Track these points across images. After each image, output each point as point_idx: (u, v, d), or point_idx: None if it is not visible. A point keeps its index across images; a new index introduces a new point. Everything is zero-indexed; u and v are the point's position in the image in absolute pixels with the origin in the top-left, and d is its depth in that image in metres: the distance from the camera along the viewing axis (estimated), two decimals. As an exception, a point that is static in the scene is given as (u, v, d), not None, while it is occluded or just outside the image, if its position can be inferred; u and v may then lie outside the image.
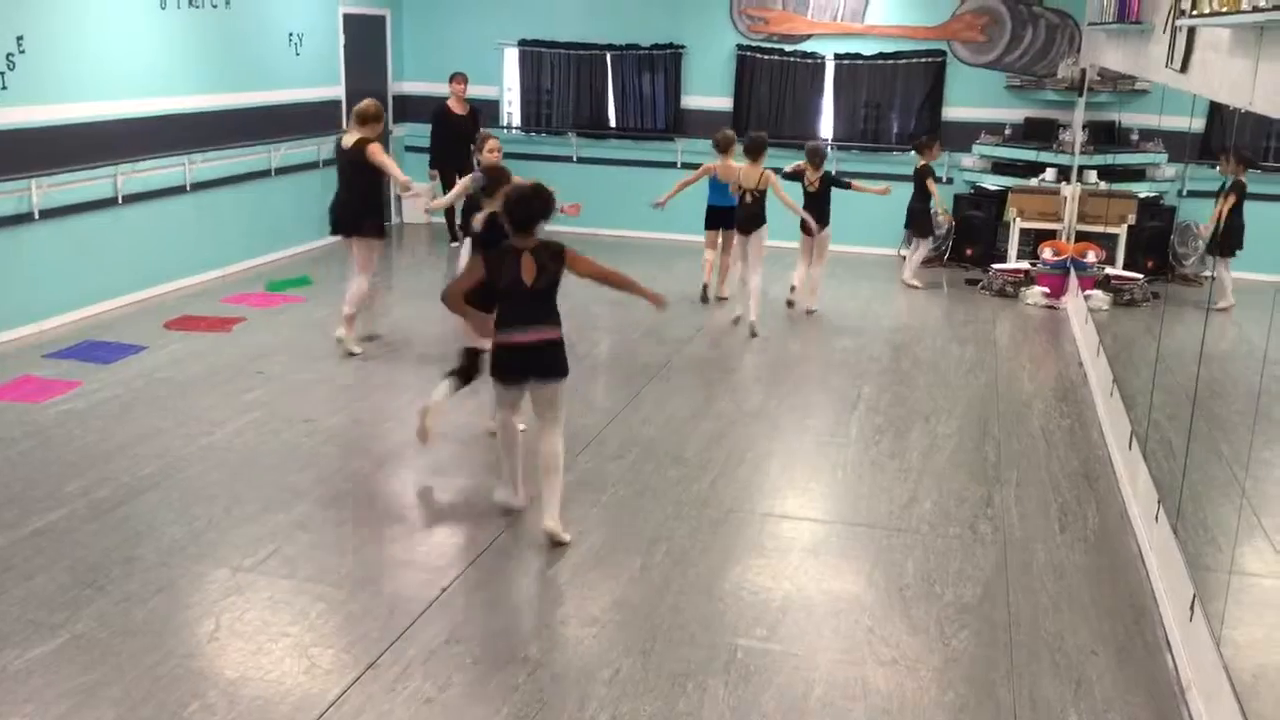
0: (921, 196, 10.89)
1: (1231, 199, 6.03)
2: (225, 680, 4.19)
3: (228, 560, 5.07)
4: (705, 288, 10.07)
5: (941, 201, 10.88)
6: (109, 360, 7.83)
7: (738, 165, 9.32)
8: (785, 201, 9.24)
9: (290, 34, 11.23)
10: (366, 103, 8.12)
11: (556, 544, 5.31)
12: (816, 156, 9.80)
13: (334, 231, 8.29)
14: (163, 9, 9.47)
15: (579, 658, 4.39)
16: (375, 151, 7.88)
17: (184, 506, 5.60)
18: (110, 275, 9.12)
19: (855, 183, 9.95)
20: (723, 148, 9.55)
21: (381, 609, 4.69)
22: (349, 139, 8.04)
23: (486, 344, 5.52)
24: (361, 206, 8.08)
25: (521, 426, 5.78)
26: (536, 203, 5.21)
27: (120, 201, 9.15)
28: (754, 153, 9.19)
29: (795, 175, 9.84)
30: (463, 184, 7.53)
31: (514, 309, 5.24)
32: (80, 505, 5.57)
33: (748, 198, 9.17)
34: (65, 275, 8.68)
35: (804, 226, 9.62)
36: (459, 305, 5.32)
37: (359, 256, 8.15)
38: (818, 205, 9.71)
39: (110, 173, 9.01)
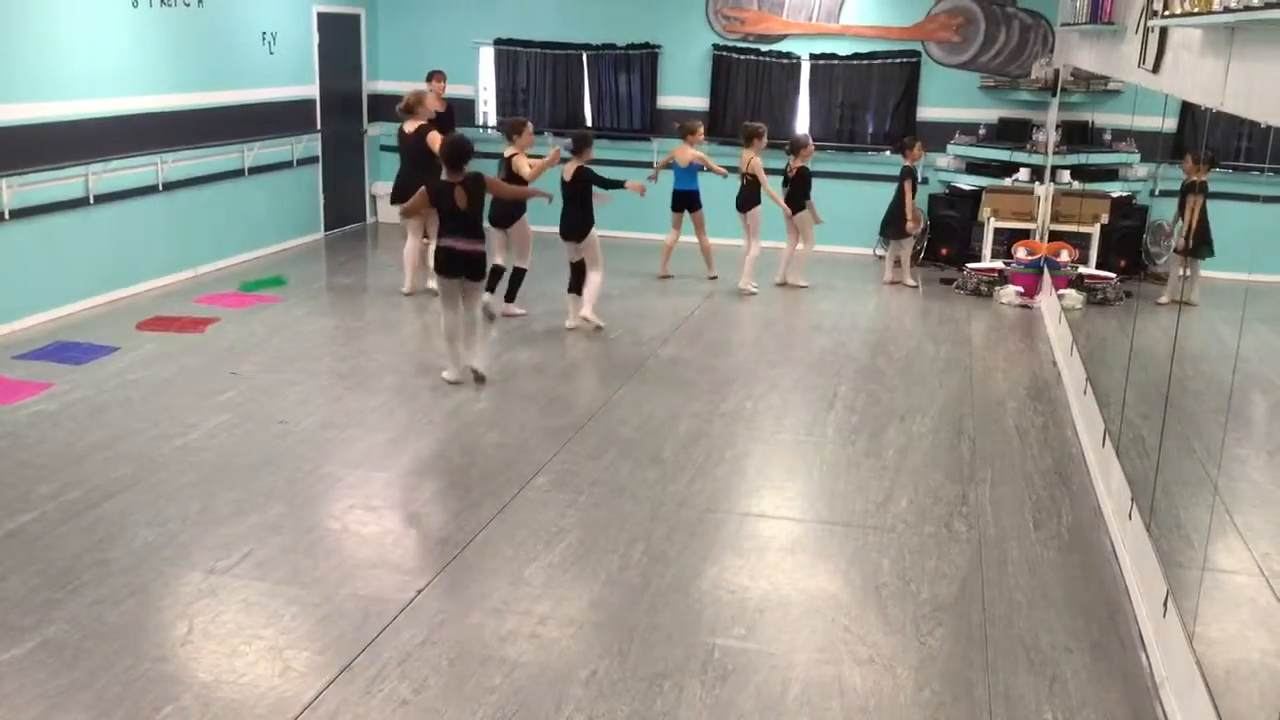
0: (903, 197, 10.94)
1: (1199, 200, 6.08)
2: (199, 683, 4.16)
3: (201, 563, 5.03)
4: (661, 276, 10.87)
5: (914, 207, 10.89)
6: (81, 361, 7.76)
7: (692, 152, 10.38)
8: (765, 189, 10.31)
9: (264, 33, 11.16)
10: (409, 95, 9.76)
11: (480, 379, 7.48)
12: (794, 145, 10.64)
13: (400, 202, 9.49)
14: (134, 7, 9.39)
15: (556, 658, 4.38)
16: (435, 140, 9.18)
17: (157, 509, 5.55)
18: (81, 275, 9.04)
19: (811, 202, 10.66)
20: (681, 133, 10.55)
21: (356, 611, 4.66)
22: (409, 126, 9.60)
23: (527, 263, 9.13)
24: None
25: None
26: (464, 149, 7.35)
27: (92, 201, 9.07)
28: (745, 140, 10.38)
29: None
30: (552, 156, 8.96)
31: (451, 226, 7.30)
32: (51, 508, 5.52)
33: (742, 180, 10.34)
34: (36, 275, 8.60)
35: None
36: (414, 210, 7.95)
37: (428, 224, 9.55)
38: (795, 190, 10.58)
39: (81, 172, 8.93)
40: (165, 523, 5.40)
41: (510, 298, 9.29)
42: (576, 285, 9.04)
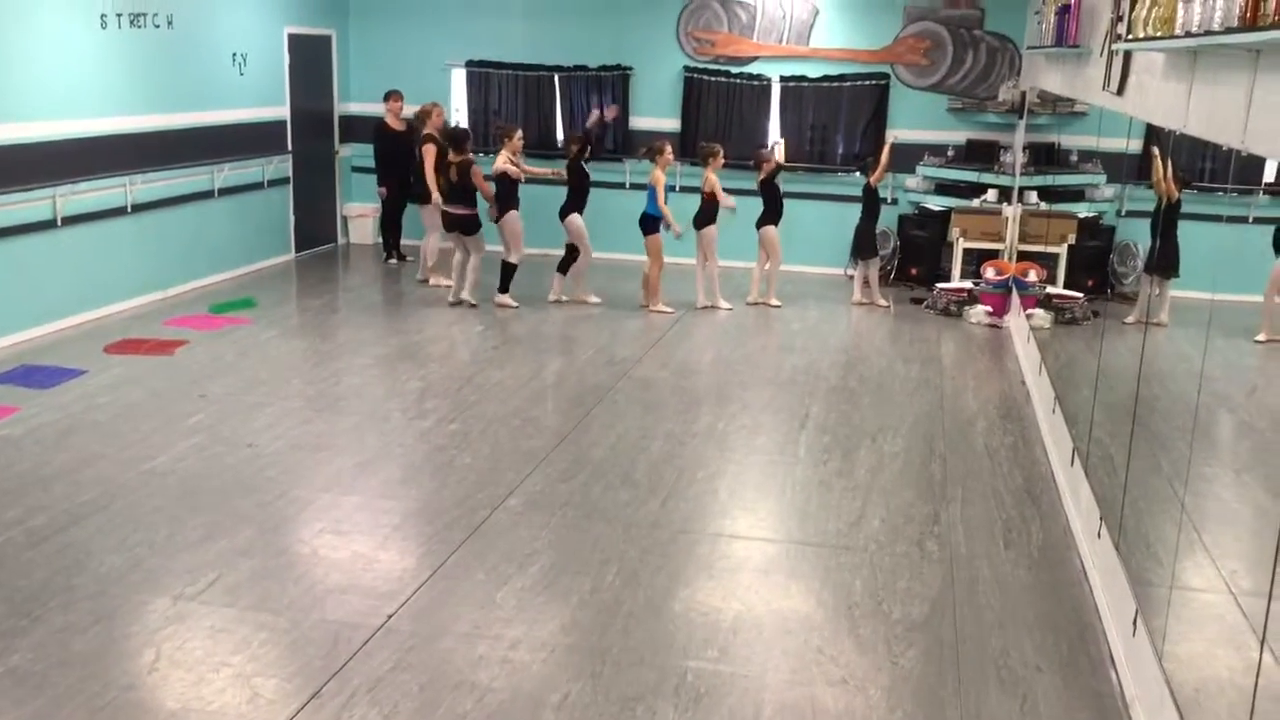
0: (868, 217, 11.00)
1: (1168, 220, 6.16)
2: (166, 712, 4.11)
3: (168, 588, 4.98)
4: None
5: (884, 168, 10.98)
6: (47, 385, 7.68)
7: (656, 173, 10.35)
8: (717, 191, 10.43)
9: (234, 54, 11.13)
10: (424, 105, 11.17)
11: (471, 305, 10.19)
12: (756, 159, 10.91)
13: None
14: (103, 28, 9.35)
15: (528, 682, 4.36)
16: (429, 152, 10.57)
17: (124, 534, 5.49)
18: (49, 298, 8.96)
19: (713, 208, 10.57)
20: (648, 155, 10.60)
21: (326, 637, 4.62)
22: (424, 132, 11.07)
23: (517, 257, 10.29)
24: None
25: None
26: (457, 136, 10.25)
27: (59, 223, 9.00)
28: (702, 160, 10.58)
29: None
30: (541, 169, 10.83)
31: (448, 194, 10.08)
32: (17, 533, 5.45)
33: (703, 199, 10.51)
34: (2, 298, 8.51)
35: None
36: (433, 182, 10.32)
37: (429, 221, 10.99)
38: (763, 203, 10.76)
39: (49, 194, 8.86)
40: (132, 548, 5.35)
41: (502, 289, 10.30)
42: (564, 265, 10.60)
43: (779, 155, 11.40)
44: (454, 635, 4.69)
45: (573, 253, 10.55)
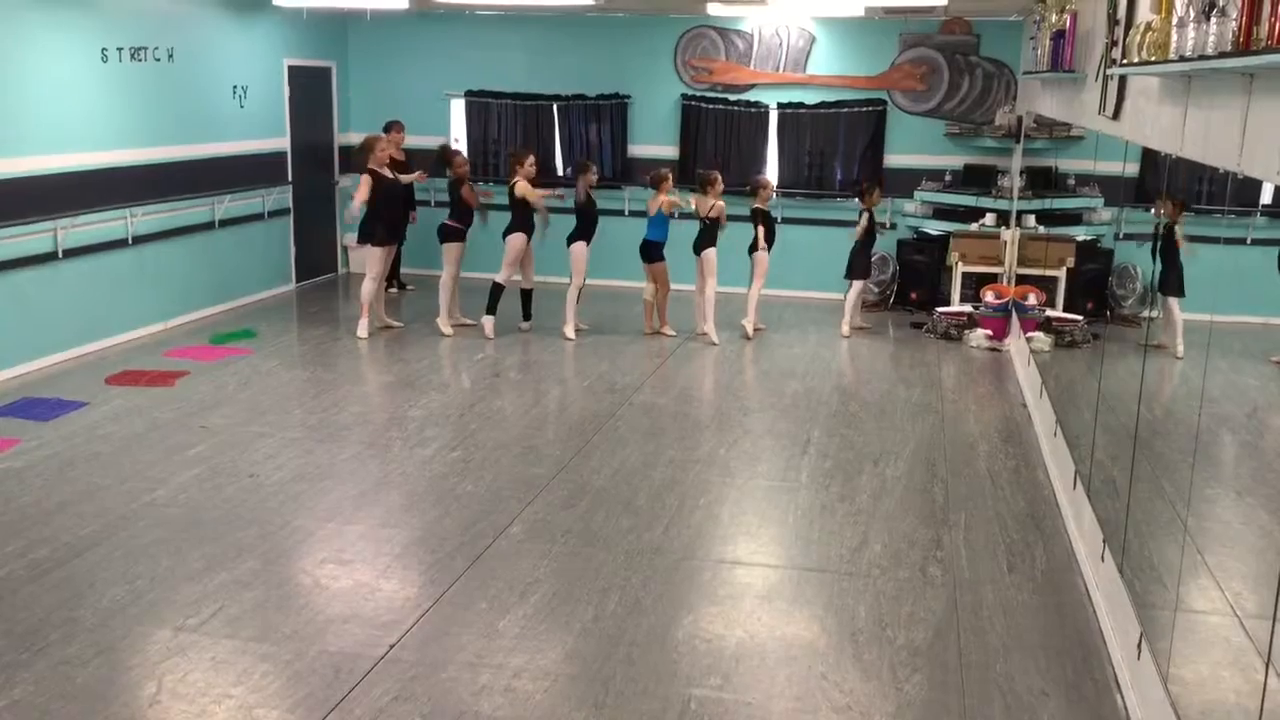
0: (864, 241, 11.01)
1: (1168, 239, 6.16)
2: (167, 744, 4.09)
3: (170, 620, 4.97)
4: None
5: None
6: (48, 417, 7.68)
7: (662, 198, 10.30)
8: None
9: (235, 86, 11.20)
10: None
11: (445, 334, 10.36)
12: (751, 186, 10.79)
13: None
14: (104, 62, 9.41)
15: (531, 712, 4.34)
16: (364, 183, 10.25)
17: (125, 566, 5.48)
18: (50, 330, 8.98)
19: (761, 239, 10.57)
20: (653, 183, 10.53)
21: (327, 668, 4.61)
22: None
23: (502, 278, 10.34)
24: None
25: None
26: (451, 154, 10.61)
27: (60, 256, 9.03)
28: (700, 187, 10.45)
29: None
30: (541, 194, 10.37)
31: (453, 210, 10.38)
32: (18, 566, 5.44)
33: (701, 225, 10.40)
34: (3, 331, 8.53)
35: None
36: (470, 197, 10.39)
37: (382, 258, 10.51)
38: (757, 228, 10.65)
39: (50, 227, 8.89)
40: (134, 580, 5.34)
41: (488, 310, 10.33)
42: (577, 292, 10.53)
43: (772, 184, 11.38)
44: (456, 665, 4.67)
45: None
